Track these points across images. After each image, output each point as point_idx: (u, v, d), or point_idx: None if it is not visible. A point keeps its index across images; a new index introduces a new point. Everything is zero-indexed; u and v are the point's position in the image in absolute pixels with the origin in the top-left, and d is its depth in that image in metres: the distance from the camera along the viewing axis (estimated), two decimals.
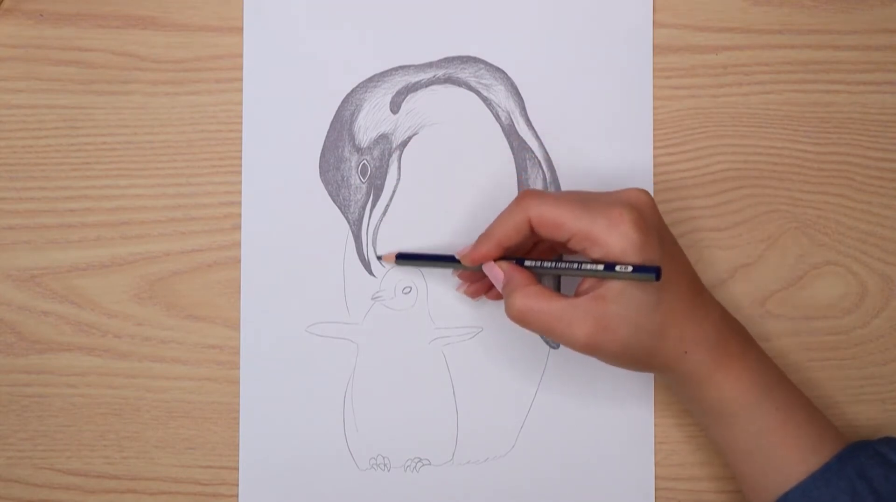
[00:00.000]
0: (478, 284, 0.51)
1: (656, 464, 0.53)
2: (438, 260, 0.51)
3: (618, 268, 0.42)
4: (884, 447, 0.47)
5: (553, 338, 0.46)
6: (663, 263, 0.44)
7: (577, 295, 0.45)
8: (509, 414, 0.53)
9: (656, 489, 0.53)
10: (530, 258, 0.48)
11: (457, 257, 0.49)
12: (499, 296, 0.51)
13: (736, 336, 0.48)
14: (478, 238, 0.48)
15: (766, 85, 0.54)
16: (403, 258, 0.52)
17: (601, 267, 0.43)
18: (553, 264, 0.46)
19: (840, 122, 0.54)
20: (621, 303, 0.44)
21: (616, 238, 0.43)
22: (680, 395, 0.50)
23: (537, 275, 0.47)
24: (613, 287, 0.44)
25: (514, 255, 0.48)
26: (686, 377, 0.47)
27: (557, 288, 0.52)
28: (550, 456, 0.53)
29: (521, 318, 0.46)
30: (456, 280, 0.52)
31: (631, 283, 0.44)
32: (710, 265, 0.54)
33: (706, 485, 0.53)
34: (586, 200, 0.45)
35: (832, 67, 0.54)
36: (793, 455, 0.46)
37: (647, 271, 0.42)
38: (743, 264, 0.54)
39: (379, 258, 0.52)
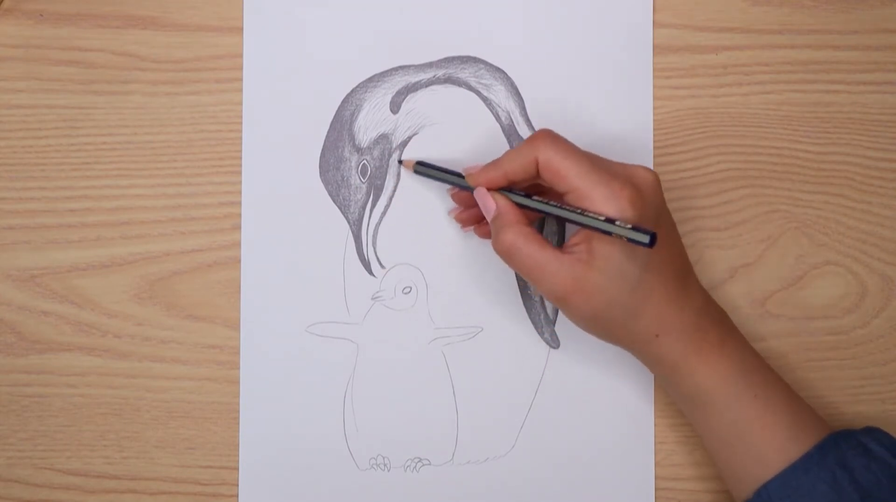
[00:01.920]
0: (471, 211, 0.51)
1: (656, 464, 0.53)
2: (451, 175, 0.50)
3: (618, 222, 0.43)
4: (866, 437, 0.47)
5: (530, 282, 0.46)
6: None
7: (565, 249, 0.46)
8: (509, 414, 0.53)
9: (656, 489, 0.53)
10: (536, 196, 0.47)
11: (463, 174, 0.49)
12: (487, 235, 0.51)
13: (716, 324, 0.47)
14: (487, 163, 0.48)
15: (766, 85, 0.54)
16: (421, 166, 0.51)
17: (602, 217, 0.43)
18: (558, 206, 0.45)
19: (840, 122, 0.54)
20: (604, 272, 0.44)
21: (610, 209, 0.43)
22: (660, 380, 0.50)
23: (536, 217, 0.47)
24: (600, 256, 0.44)
25: (517, 191, 0.48)
26: (658, 360, 0.47)
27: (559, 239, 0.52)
28: (550, 456, 0.53)
29: (506, 254, 0.46)
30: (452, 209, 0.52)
31: (617, 255, 0.44)
32: (710, 265, 0.54)
33: (706, 485, 0.53)
34: (595, 163, 0.45)
35: (832, 67, 0.54)
36: (772, 444, 0.46)
37: (642, 233, 0.42)
38: (743, 264, 0.54)
39: (400, 162, 0.52)
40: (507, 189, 0.47)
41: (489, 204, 0.47)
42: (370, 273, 0.53)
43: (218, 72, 0.53)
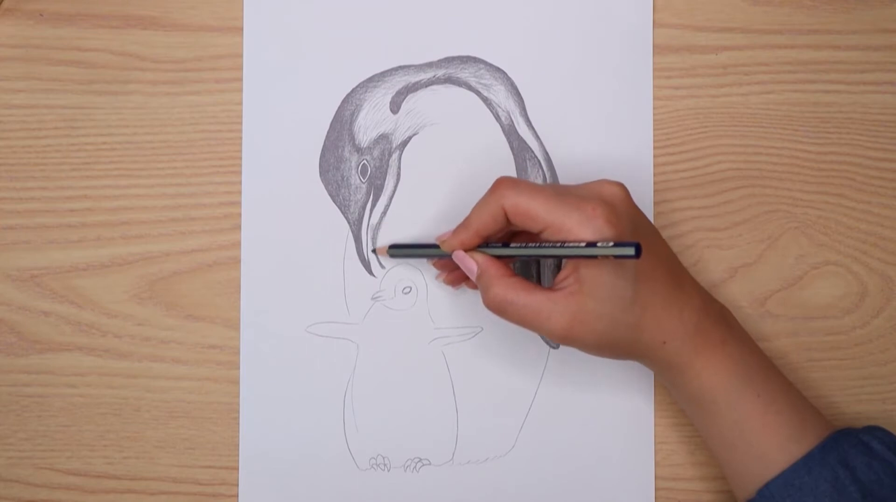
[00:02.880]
0: (457, 272, 0.51)
1: (656, 464, 0.53)
2: (427, 248, 0.51)
3: (599, 244, 0.42)
4: (867, 436, 0.47)
5: (531, 330, 0.46)
6: (636, 260, 0.44)
7: (555, 286, 0.46)
8: (509, 414, 0.53)
9: (656, 489, 0.53)
10: (513, 242, 0.47)
11: (437, 243, 0.49)
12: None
13: (717, 324, 0.47)
14: (457, 226, 0.48)
15: (766, 85, 0.54)
16: (396, 249, 0.51)
17: (583, 244, 0.43)
18: (537, 246, 0.45)
19: (840, 122, 0.54)
20: (597, 298, 0.44)
21: (589, 233, 0.43)
22: (664, 383, 0.50)
23: (519, 261, 0.47)
24: (590, 282, 0.44)
25: (495, 243, 0.48)
26: (665, 366, 0.47)
27: (537, 278, 0.52)
28: (550, 456, 0.53)
29: (498, 309, 0.46)
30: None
31: (606, 276, 0.44)
32: (710, 265, 0.54)
33: (706, 485, 0.53)
34: (561, 193, 0.45)
35: (832, 67, 0.54)
36: (774, 443, 0.46)
37: (626, 247, 0.41)
38: (743, 264, 0.54)
39: (373, 251, 0.52)
40: (484, 245, 0.47)
41: (470, 265, 0.47)
42: (370, 273, 0.53)
43: (218, 72, 0.53)
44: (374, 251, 0.52)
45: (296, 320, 0.52)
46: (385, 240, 0.53)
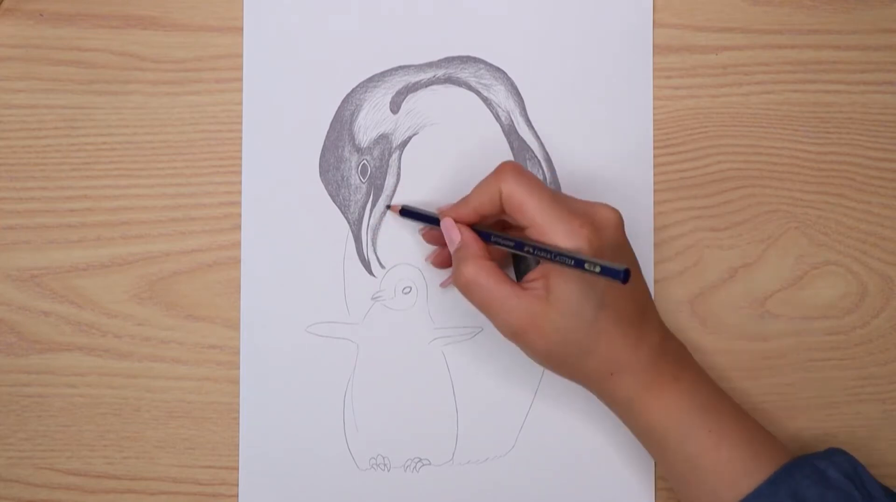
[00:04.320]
0: (444, 251, 0.51)
1: (656, 464, 0.53)
2: (433, 219, 0.50)
3: (586, 265, 0.42)
4: (823, 462, 0.46)
5: (487, 317, 0.46)
6: (608, 286, 0.44)
7: (522, 283, 0.45)
8: (509, 414, 0.53)
9: (656, 489, 0.53)
10: (506, 233, 0.47)
11: (437, 214, 0.49)
12: (442, 264, 0.52)
13: (672, 362, 0.47)
14: (457, 201, 0.48)
15: (766, 85, 0.54)
16: (407, 213, 0.51)
17: (572, 261, 0.42)
18: (531, 245, 0.45)
19: (840, 122, 0.54)
20: (560, 311, 0.44)
21: (569, 246, 0.43)
22: (614, 414, 0.49)
23: (501, 255, 0.47)
24: (556, 293, 0.44)
25: (491, 228, 0.48)
26: (612, 398, 0.47)
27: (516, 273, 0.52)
28: (550, 456, 0.53)
29: (465, 287, 0.46)
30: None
31: (575, 294, 0.44)
32: (710, 265, 0.54)
33: None
34: (558, 200, 0.45)
35: (832, 67, 0.54)
36: (726, 479, 0.45)
37: (614, 273, 0.41)
38: (743, 264, 0.54)
39: (387, 207, 0.52)
40: (476, 226, 0.47)
41: (454, 235, 0.47)
42: (370, 273, 0.53)
43: (218, 72, 0.53)
44: (388, 207, 0.52)
45: (296, 320, 0.52)
46: (385, 239, 0.53)
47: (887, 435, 0.51)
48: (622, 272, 0.41)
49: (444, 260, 0.52)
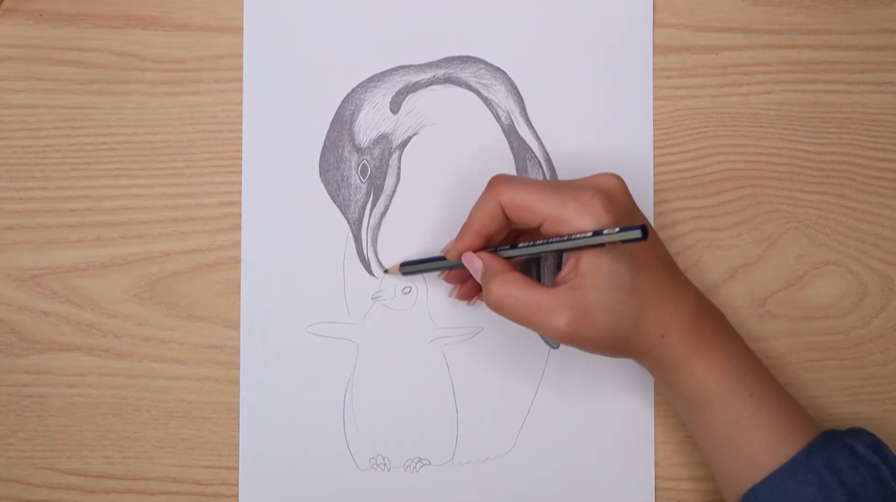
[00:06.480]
0: (468, 284, 0.51)
1: (656, 464, 0.53)
2: (437, 261, 0.51)
3: (605, 231, 0.42)
4: (851, 438, 0.47)
5: (531, 327, 0.45)
6: (633, 250, 0.44)
7: (556, 283, 0.45)
8: (509, 414, 0.53)
9: (656, 489, 0.53)
10: (518, 243, 0.47)
11: (442, 254, 0.49)
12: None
13: (711, 320, 0.47)
14: (458, 231, 0.48)
15: (766, 85, 0.54)
16: (407, 266, 0.51)
17: (589, 233, 0.43)
18: (544, 243, 0.45)
19: (840, 122, 0.54)
20: (598, 289, 0.44)
21: (586, 220, 0.43)
22: (659, 382, 0.50)
23: (524, 262, 0.47)
24: (590, 273, 0.44)
25: (497, 245, 0.48)
26: (662, 362, 0.47)
27: (538, 279, 0.52)
28: (550, 456, 0.53)
29: (499, 305, 0.45)
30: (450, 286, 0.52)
31: (606, 265, 0.44)
32: (710, 265, 0.54)
33: (706, 485, 0.53)
34: (557, 186, 0.45)
35: (832, 67, 0.54)
36: (764, 445, 0.46)
37: (633, 232, 0.41)
38: (743, 264, 0.54)
39: (385, 271, 0.52)
40: (491, 249, 0.47)
41: (475, 263, 0.47)
42: (370, 273, 0.53)
43: (218, 72, 0.53)
44: (386, 272, 0.52)
45: (296, 320, 0.52)
46: (385, 239, 0.53)
47: (887, 434, 0.51)
48: (640, 229, 0.41)
49: (467, 292, 0.52)
